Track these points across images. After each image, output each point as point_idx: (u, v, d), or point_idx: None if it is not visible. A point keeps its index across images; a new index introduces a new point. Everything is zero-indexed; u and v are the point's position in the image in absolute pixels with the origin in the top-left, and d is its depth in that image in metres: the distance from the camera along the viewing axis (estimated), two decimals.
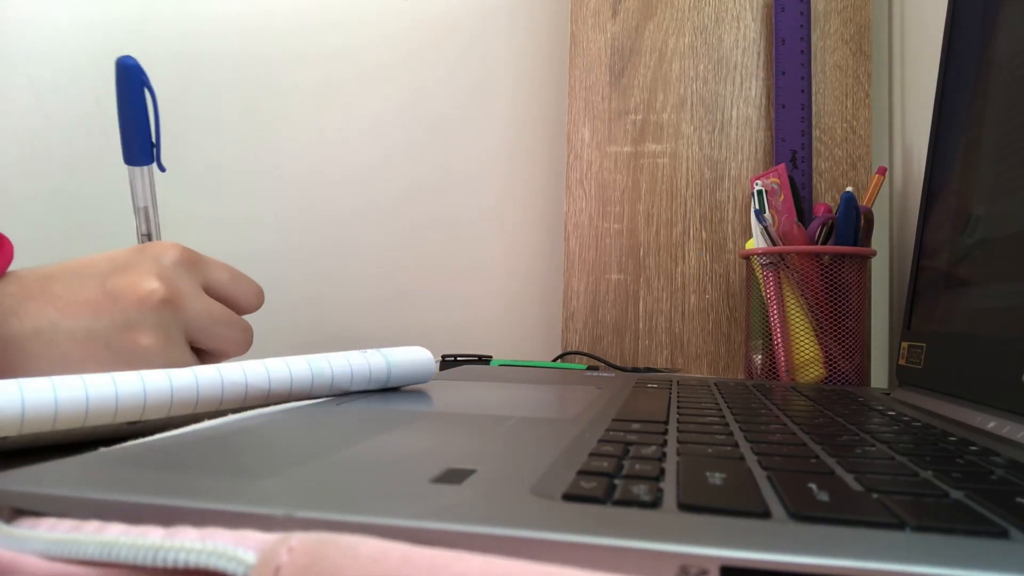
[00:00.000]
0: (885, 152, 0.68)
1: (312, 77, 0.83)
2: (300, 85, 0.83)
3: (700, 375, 0.67)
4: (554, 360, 0.68)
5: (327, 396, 0.33)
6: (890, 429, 0.28)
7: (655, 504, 0.16)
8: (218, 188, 0.84)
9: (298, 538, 0.13)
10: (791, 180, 0.58)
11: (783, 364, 0.54)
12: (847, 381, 0.53)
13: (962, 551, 0.13)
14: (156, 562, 0.13)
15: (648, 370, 0.64)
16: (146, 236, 0.46)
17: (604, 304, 0.71)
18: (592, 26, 0.73)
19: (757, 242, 0.56)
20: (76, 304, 0.34)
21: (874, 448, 0.24)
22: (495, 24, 0.80)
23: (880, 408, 0.36)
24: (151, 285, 0.35)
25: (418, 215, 0.81)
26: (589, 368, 0.62)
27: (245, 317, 0.41)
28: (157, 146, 0.46)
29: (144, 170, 0.46)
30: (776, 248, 0.55)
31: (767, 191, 0.56)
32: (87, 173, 0.86)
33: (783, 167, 0.58)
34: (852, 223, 0.53)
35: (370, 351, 0.36)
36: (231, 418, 0.26)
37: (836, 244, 0.54)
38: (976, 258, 0.37)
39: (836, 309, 0.53)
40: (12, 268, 0.35)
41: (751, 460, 0.21)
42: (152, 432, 0.24)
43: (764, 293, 0.56)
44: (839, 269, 0.53)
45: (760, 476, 0.19)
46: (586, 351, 0.70)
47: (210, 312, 0.38)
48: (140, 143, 0.45)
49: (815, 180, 0.66)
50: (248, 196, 0.84)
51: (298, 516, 0.14)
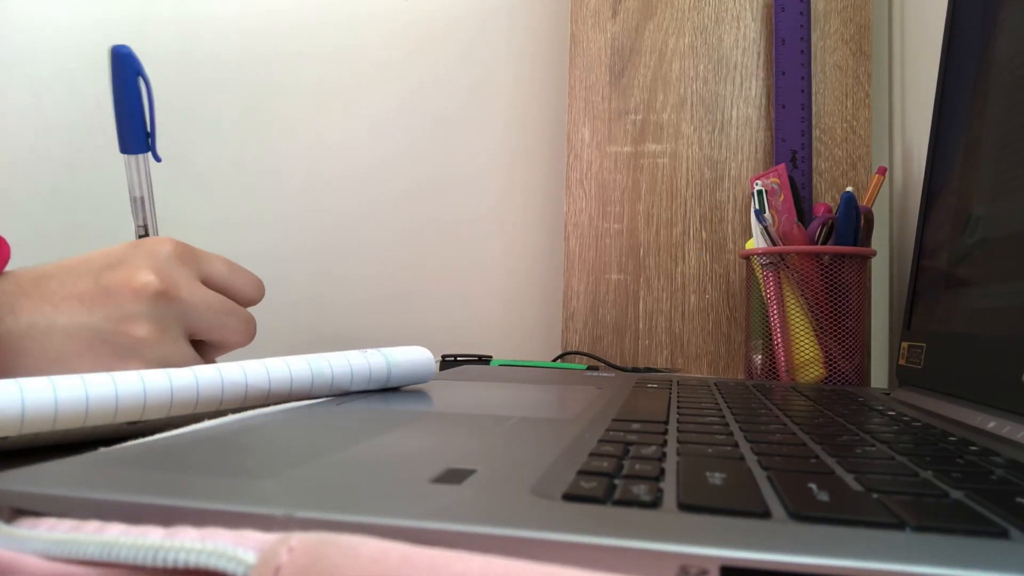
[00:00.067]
0: (885, 152, 0.68)
1: (312, 77, 0.83)
2: (300, 85, 0.83)
3: (700, 375, 0.67)
4: (554, 360, 0.68)
5: (327, 396, 0.33)
6: (890, 429, 0.28)
7: (655, 504, 0.16)
8: (218, 188, 0.84)
9: (298, 538, 0.13)
10: (791, 180, 0.58)
11: (783, 364, 0.54)
12: (847, 381, 0.53)
13: (962, 551, 0.13)
14: (156, 562, 0.13)
15: (648, 370, 0.64)
16: (142, 227, 0.46)
17: (604, 304, 0.71)
18: (592, 26, 0.73)
19: (757, 242, 0.56)
20: (70, 299, 0.34)
21: (874, 448, 0.24)
22: (495, 24, 0.80)
23: (880, 408, 0.36)
24: (145, 278, 0.35)
25: (418, 215, 0.81)
26: (589, 368, 0.62)
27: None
28: (152, 135, 0.45)
29: (139, 159, 0.45)
30: (776, 248, 0.55)
31: (767, 191, 0.56)
32: (87, 173, 0.86)
33: (783, 167, 0.58)
34: (852, 223, 0.53)
35: (370, 351, 0.36)
36: (231, 418, 0.26)
37: (836, 244, 0.54)
38: (976, 258, 0.37)
39: (836, 309, 0.53)
40: (9, 268, 0.35)
41: (751, 460, 0.21)
42: (152, 432, 0.24)
43: (764, 293, 0.56)
44: (839, 269, 0.53)
45: (760, 476, 0.19)
46: (586, 351, 0.70)
47: (208, 303, 0.38)
48: (134, 132, 0.44)
49: (815, 180, 0.66)
50: (248, 196, 0.84)
51: (298, 516, 0.14)
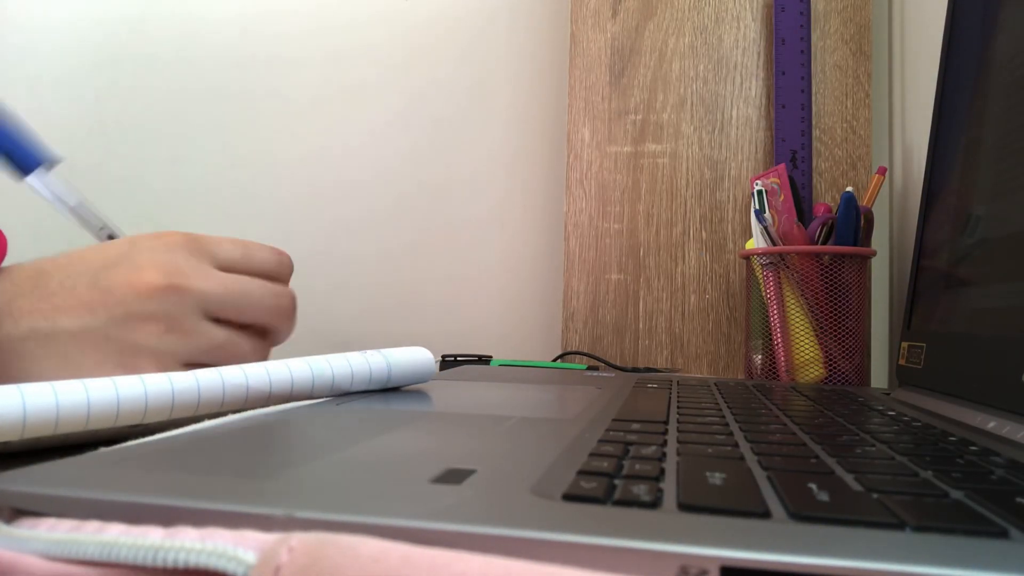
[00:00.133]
0: (885, 152, 0.68)
1: (312, 79, 0.83)
2: (300, 87, 0.83)
3: (700, 375, 0.67)
4: (554, 360, 0.68)
5: (327, 396, 0.33)
6: (890, 429, 0.28)
7: (655, 504, 0.16)
8: (216, 191, 0.84)
9: (298, 538, 0.13)
10: (791, 180, 0.58)
11: (783, 364, 0.54)
12: (847, 381, 0.53)
13: (962, 551, 0.13)
14: (156, 562, 0.13)
15: (648, 370, 0.64)
16: (104, 229, 0.43)
17: (604, 304, 0.71)
18: (592, 26, 0.73)
19: (757, 242, 0.56)
20: (71, 301, 0.33)
21: (874, 448, 0.24)
22: (495, 24, 0.80)
23: (880, 408, 0.36)
24: (146, 276, 0.34)
25: (418, 215, 0.81)
26: (589, 368, 0.62)
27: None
28: (33, 142, 0.41)
29: (43, 172, 0.41)
30: (776, 248, 0.55)
31: (767, 191, 0.56)
32: (87, 173, 0.86)
33: (783, 167, 0.58)
34: (852, 223, 0.53)
35: (370, 351, 0.36)
36: (231, 418, 0.26)
37: (836, 244, 0.54)
38: (976, 258, 0.37)
39: (836, 309, 0.53)
40: (5, 263, 0.34)
41: (751, 460, 0.21)
42: (152, 432, 0.24)
43: (764, 293, 0.56)
44: (839, 269, 0.53)
45: (760, 476, 0.19)
46: (586, 351, 0.70)
47: (227, 286, 0.36)
48: (16, 152, 0.41)
49: (815, 180, 0.66)
50: (248, 197, 0.84)
51: (298, 516, 0.14)
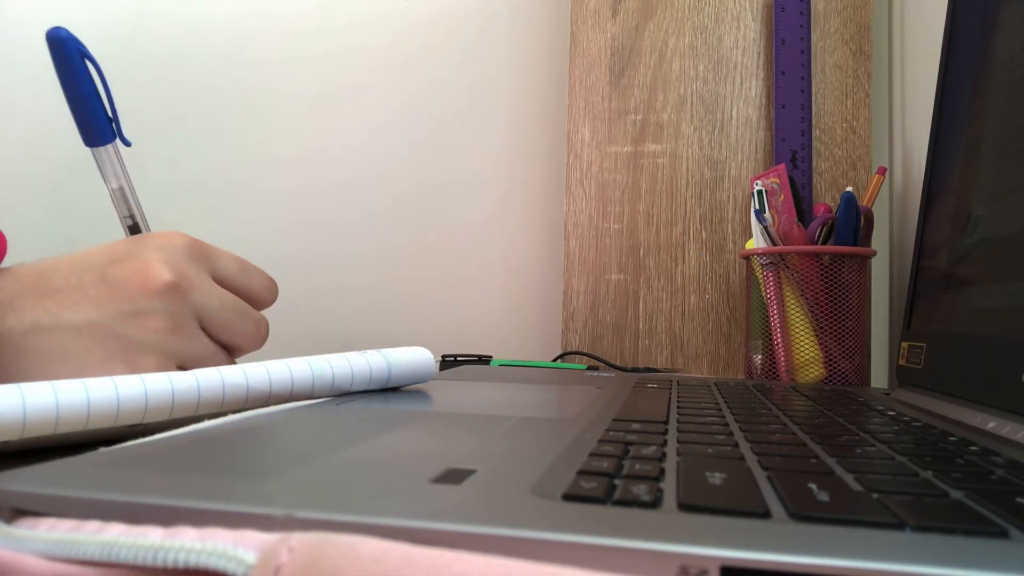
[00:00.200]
0: (885, 152, 0.68)
1: (312, 79, 0.83)
2: (300, 87, 0.83)
3: (700, 375, 0.67)
4: (554, 360, 0.68)
5: (327, 397, 0.33)
6: (890, 429, 0.28)
7: (655, 504, 0.16)
8: (216, 191, 0.84)
9: (298, 538, 0.13)
10: (791, 180, 0.58)
11: (783, 364, 0.54)
12: (847, 381, 0.53)
13: (962, 551, 0.13)
14: (156, 562, 0.13)
15: (648, 370, 0.64)
16: (129, 218, 0.42)
17: (604, 304, 0.71)
18: (592, 26, 0.73)
19: (757, 242, 0.56)
20: (76, 295, 0.32)
21: (874, 448, 0.24)
22: (495, 24, 0.80)
23: (880, 408, 0.36)
24: (156, 271, 0.33)
25: (418, 215, 0.81)
26: (589, 368, 0.62)
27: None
28: (115, 120, 0.41)
29: (108, 149, 0.41)
30: (776, 248, 0.55)
31: (767, 191, 0.56)
32: (87, 173, 0.86)
33: (783, 167, 0.58)
34: (852, 223, 0.53)
35: (370, 351, 0.36)
36: (231, 418, 0.26)
37: (836, 244, 0.54)
38: (976, 258, 0.37)
39: (836, 309, 0.53)
40: (5, 264, 0.33)
41: (751, 460, 0.21)
42: (152, 432, 0.24)
43: (764, 293, 0.56)
44: (839, 269, 0.53)
45: (760, 476, 0.19)
46: (586, 351, 0.70)
47: (221, 301, 0.36)
48: (96, 120, 0.41)
49: (815, 180, 0.66)
50: (248, 198, 0.84)
51: (298, 516, 0.14)
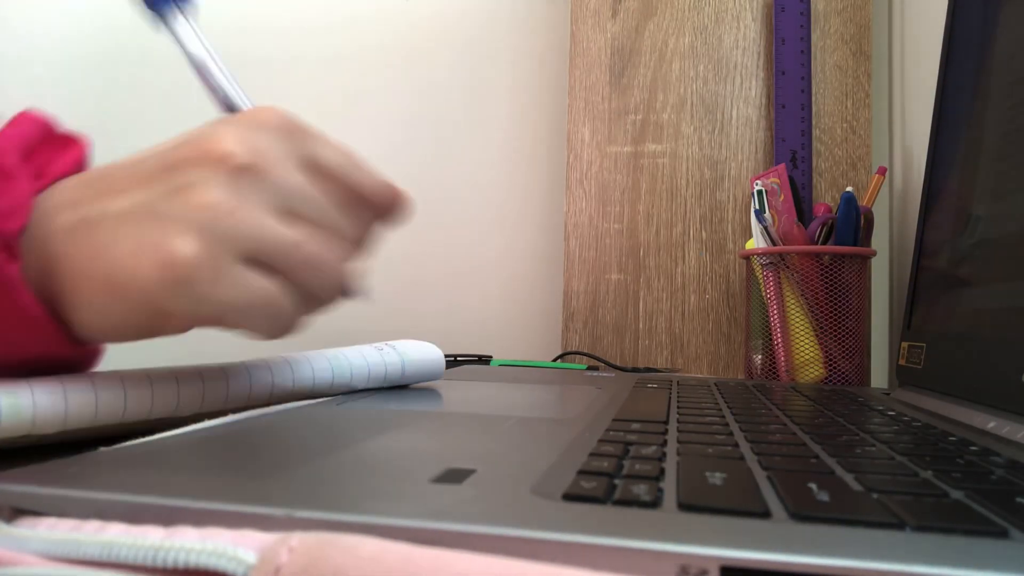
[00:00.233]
0: (885, 152, 0.68)
1: (312, 78, 0.83)
2: (300, 86, 0.83)
3: (700, 375, 0.67)
4: (554, 360, 0.68)
5: (341, 393, 0.34)
6: (890, 429, 0.28)
7: (655, 504, 0.16)
8: None
9: (298, 538, 0.13)
10: (791, 180, 0.58)
11: (783, 364, 0.54)
12: (847, 381, 0.53)
13: (962, 551, 0.13)
14: (156, 562, 0.13)
15: (648, 370, 0.64)
16: (224, 102, 0.35)
17: (604, 304, 0.71)
18: (592, 26, 0.73)
19: (757, 242, 0.56)
20: (132, 182, 0.27)
21: (874, 448, 0.24)
22: (495, 24, 0.80)
23: (880, 408, 0.36)
24: (223, 145, 0.27)
25: (418, 215, 0.81)
26: (589, 368, 0.62)
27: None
28: None
29: (177, 16, 0.34)
30: (776, 248, 0.55)
31: (767, 191, 0.56)
32: None
33: (783, 167, 0.58)
34: (852, 223, 0.53)
35: (386, 348, 0.36)
36: (231, 418, 0.26)
37: (836, 244, 0.54)
38: (976, 258, 0.37)
39: (836, 309, 0.53)
40: None
41: (751, 460, 0.21)
42: (152, 432, 0.24)
43: (764, 293, 0.56)
44: (839, 269, 0.53)
45: (760, 476, 0.19)
46: (586, 351, 0.70)
47: (304, 191, 0.28)
48: None
49: (815, 180, 0.66)
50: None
51: (298, 516, 0.14)
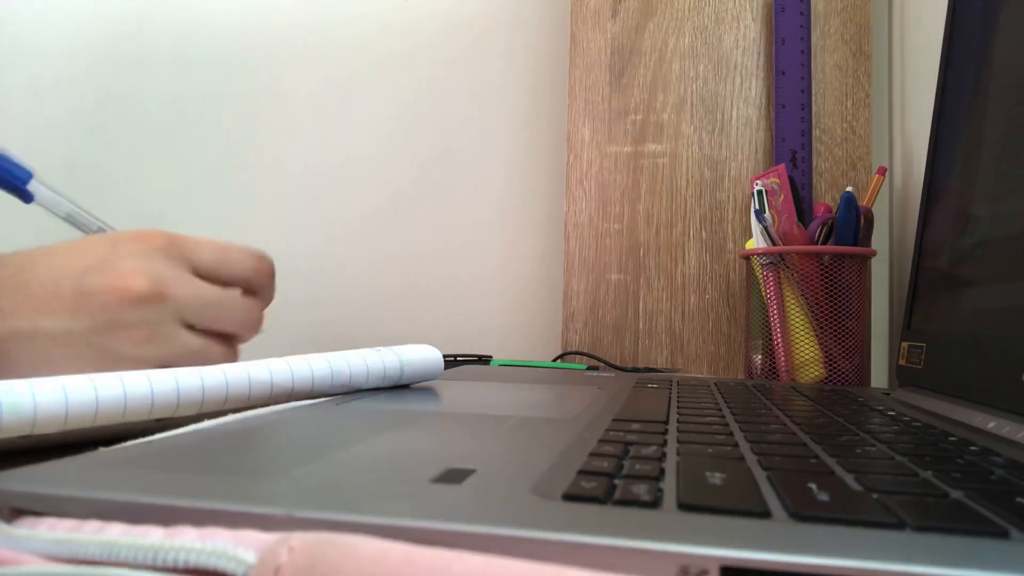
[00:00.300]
0: (885, 152, 0.68)
1: (311, 78, 0.83)
2: (299, 87, 0.83)
3: (700, 375, 0.67)
4: (554, 360, 0.68)
5: (341, 393, 0.34)
6: (890, 429, 0.28)
7: (655, 504, 0.16)
8: (216, 191, 0.84)
9: (298, 538, 0.13)
10: (791, 180, 0.58)
11: (783, 364, 0.54)
12: (847, 381, 0.53)
13: (962, 551, 0.13)
14: (156, 562, 0.13)
15: (648, 370, 0.64)
16: (100, 231, 0.43)
17: (604, 304, 0.71)
18: (592, 26, 0.73)
19: (757, 242, 0.56)
20: (53, 303, 0.32)
21: (874, 448, 0.24)
22: (495, 24, 0.80)
23: (880, 408, 0.36)
24: (135, 282, 0.33)
25: (418, 215, 0.81)
26: (589, 368, 0.62)
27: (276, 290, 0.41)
28: (16, 174, 0.44)
29: (39, 191, 0.45)
30: (776, 248, 0.55)
31: (767, 191, 0.56)
32: (87, 173, 0.86)
33: (783, 167, 0.58)
34: (852, 223, 0.53)
35: (384, 349, 0.36)
36: (231, 418, 0.26)
37: (836, 244, 0.54)
38: (976, 258, 0.37)
39: (836, 309, 0.53)
40: None
41: (751, 460, 0.21)
42: (152, 432, 0.24)
43: (764, 293, 0.56)
44: (839, 269, 0.53)
45: (760, 476, 0.19)
46: (586, 351, 0.70)
47: (204, 297, 0.36)
48: (8, 181, 0.44)
49: (815, 180, 0.66)
50: (247, 198, 0.84)
51: (298, 516, 0.14)
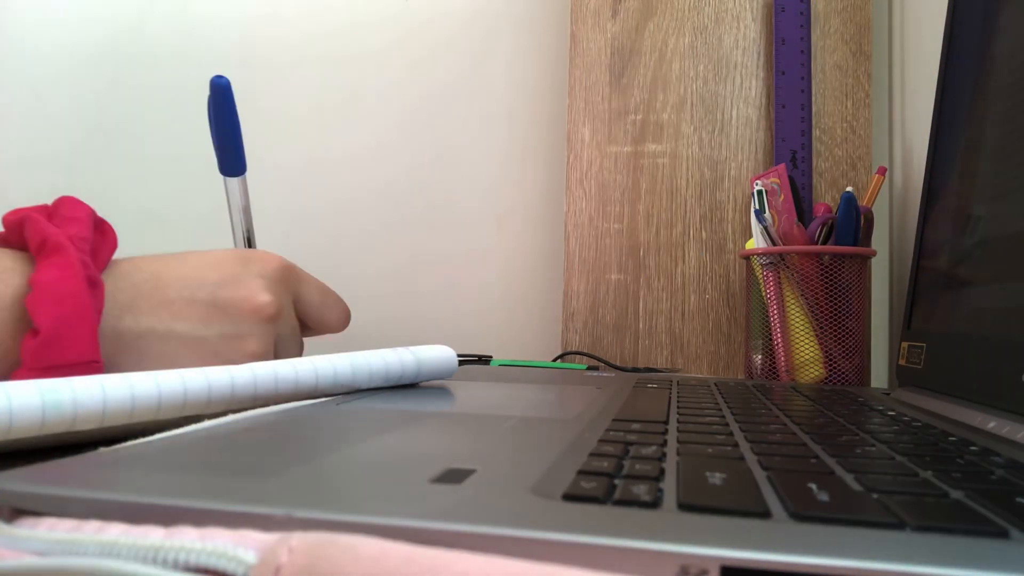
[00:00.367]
0: (885, 152, 0.68)
1: (312, 79, 0.83)
2: (299, 87, 0.83)
3: (700, 375, 0.67)
4: (554, 360, 0.68)
5: (348, 391, 0.35)
6: (890, 429, 0.28)
7: (655, 504, 0.16)
8: (216, 191, 0.84)
9: (298, 538, 0.13)
10: (791, 180, 0.58)
11: (783, 364, 0.54)
12: (847, 381, 0.53)
13: (962, 551, 0.13)
14: (156, 562, 0.13)
15: (648, 370, 0.64)
16: (245, 235, 0.51)
17: (604, 304, 0.71)
18: (592, 26, 0.73)
19: (757, 242, 0.56)
20: (188, 310, 0.36)
21: (874, 448, 0.24)
22: (495, 24, 0.80)
23: (880, 408, 0.36)
24: (264, 299, 0.38)
25: (418, 216, 0.81)
26: (589, 368, 0.62)
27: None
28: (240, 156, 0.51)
29: (242, 179, 0.52)
30: (776, 248, 0.55)
31: (767, 191, 0.56)
32: (87, 173, 0.86)
33: (783, 167, 0.58)
34: (852, 223, 0.53)
35: (400, 349, 0.38)
36: (231, 418, 0.26)
37: (836, 244, 0.54)
38: (976, 258, 0.37)
39: (836, 309, 0.53)
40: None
41: (751, 460, 0.21)
42: (152, 432, 0.24)
43: (764, 293, 0.56)
44: (839, 269, 0.53)
45: (760, 476, 0.19)
46: (586, 351, 0.70)
47: (294, 330, 0.41)
48: (236, 156, 0.50)
49: (815, 180, 0.66)
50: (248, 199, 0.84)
51: (298, 516, 0.14)
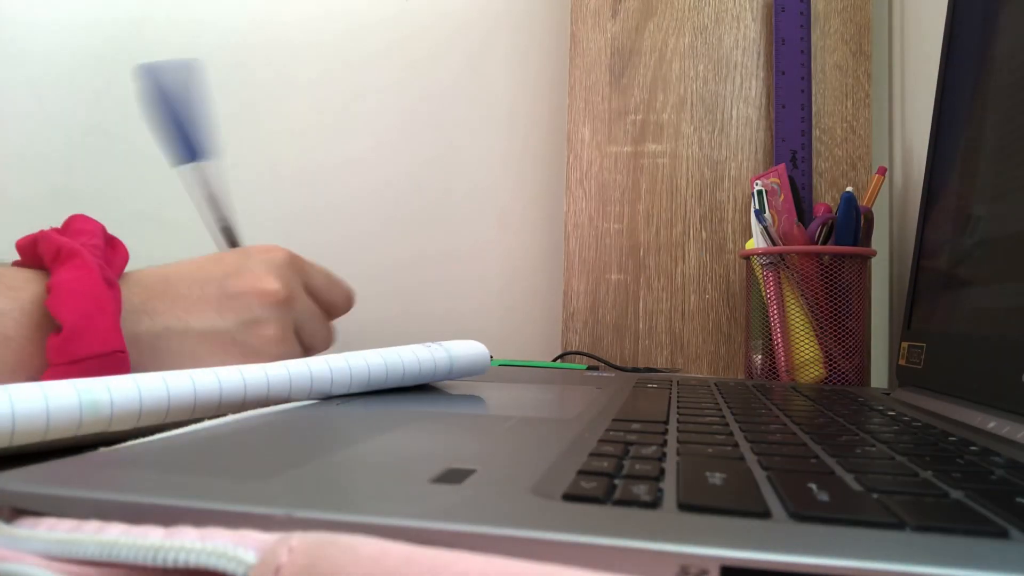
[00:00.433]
0: (885, 152, 0.68)
1: (312, 79, 0.83)
2: (299, 87, 0.83)
3: (700, 375, 0.67)
4: (554, 360, 0.68)
5: (396, 386, 0.35)
6: (890, 429, 0.28)
7: (655, 504, 0.16)
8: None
9: (298, 538, 0.13)
10: (791, 180, 0.58)
11: (783, 364, 0.54)
12: (847, 381, 0.53)
13: (962, 551, 0.13)
14: (156, 562, 0.13)
15: (648, 370, 0.64)
16: (222, 221, 0.48)
17: (604, 304, 0.71)
18: (592, 26, 0.73)
19: (757, 242, 0.56)
20: (200, 304, 0.37)
21: (874, 448, 0.24)
22: (495, 24, 0.80)
23: (880, 408, 0.36)
24: (271, 284, 0.38)
25: (418, 215, 0.81)
26: (589, 368, 0.62)
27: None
28: (194, 140, 0.47)
29: (203, 165, 0.48)
30: (776, 248, 0.55)
31: (767, 191, 0.56)
32: (87, 173, 0.86)
33: (783, 167, 0.58)
34: (852, 223, 0.53)
35: (433, 345, 0.38)
36: (231, 418, 0.26)
37: (836, 244, 0.54)
38: (976, 258, 0.37)
39: (836, 309, 0.53)
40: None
41: (751, 460, 0.21)
42: (152, 432, 0.24)
43: (764, 293, 0.56)
44: (839, 269, 0.53)
45: (760, 476, 0.19)
46: (586, 351, 0.70)
47: (312, 311, 0.42)
48: (184, 142, 0.47)
49: (815, 180, 0.66)
50: (248, 200, 0.84)
51: (298, 516, 0.14)
